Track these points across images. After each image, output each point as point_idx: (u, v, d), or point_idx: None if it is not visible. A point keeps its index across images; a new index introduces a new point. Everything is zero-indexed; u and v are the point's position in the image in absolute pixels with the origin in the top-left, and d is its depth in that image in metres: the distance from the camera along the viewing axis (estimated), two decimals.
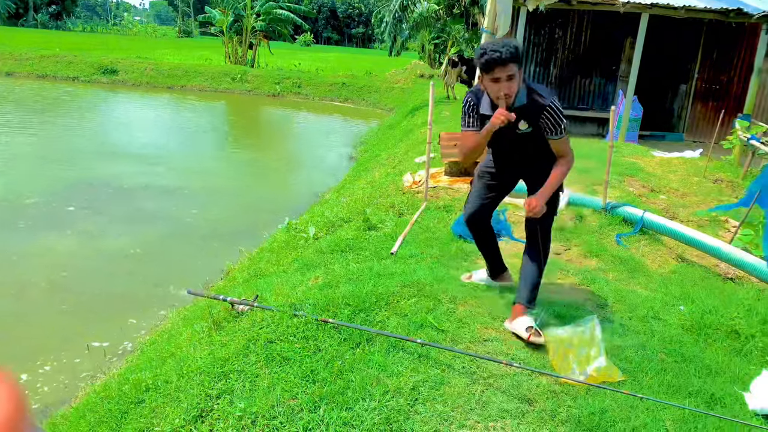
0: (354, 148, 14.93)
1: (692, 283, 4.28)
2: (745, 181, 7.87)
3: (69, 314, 5.36)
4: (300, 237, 5.59)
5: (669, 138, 12.77)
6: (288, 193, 10.29)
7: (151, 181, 10.14)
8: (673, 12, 10.77)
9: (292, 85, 25.16)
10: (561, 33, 13.07)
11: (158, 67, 25.96)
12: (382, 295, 3.30)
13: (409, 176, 6.99)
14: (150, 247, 7.07)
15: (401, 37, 20.95)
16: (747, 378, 2.87)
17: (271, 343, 2.86)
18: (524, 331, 2.92)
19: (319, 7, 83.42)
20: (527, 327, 2.92)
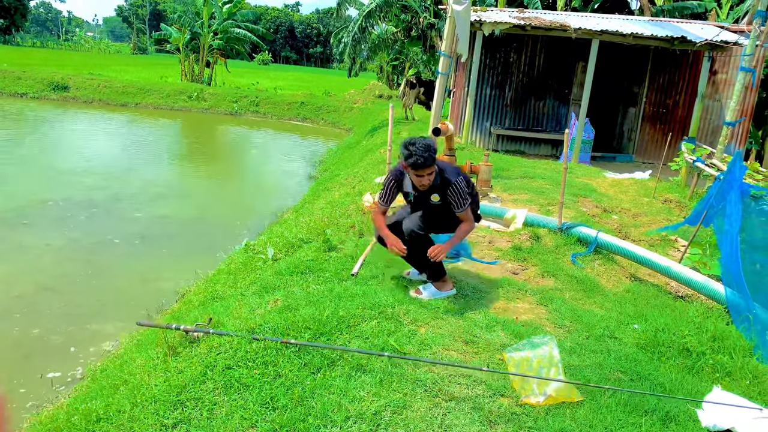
0: (313, 168, 14.88)
1: (645, 302, 4.39)
2: (691, 201, 8.18)
3: (12, 340, 5.12)
4: (258, 258, 5.50)
5: (620, 159, 13.19)
6: (246, 213, 10.15)
7: (103, 202, 9.86)
8: (622, 39, 11.20)
9: (249, 103, 25.00)
10: (516, 57, 13.42)
11: (111, 84, 25.43)
12: (343, 317, 3.27)
13: (369, 196, 6.99)
14: (101, 270, 6.84)
15: (360, 58, 21.13)
16: (699, 395, 2.94)
17: (229, 369, 2.79)
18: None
19: (277, 26, 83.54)
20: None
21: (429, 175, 3.60)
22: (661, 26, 12.22)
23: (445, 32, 7.92)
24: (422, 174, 3.57)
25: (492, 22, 11.39)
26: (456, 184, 3.66)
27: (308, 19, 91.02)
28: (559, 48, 13.08)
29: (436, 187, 3.70)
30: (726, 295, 4.23)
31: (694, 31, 11.86)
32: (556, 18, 12.35)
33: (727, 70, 12.71)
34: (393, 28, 21.92)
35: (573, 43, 12.23)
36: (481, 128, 13.52)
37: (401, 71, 29.23)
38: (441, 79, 7.99)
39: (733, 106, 8.24)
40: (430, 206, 3.80)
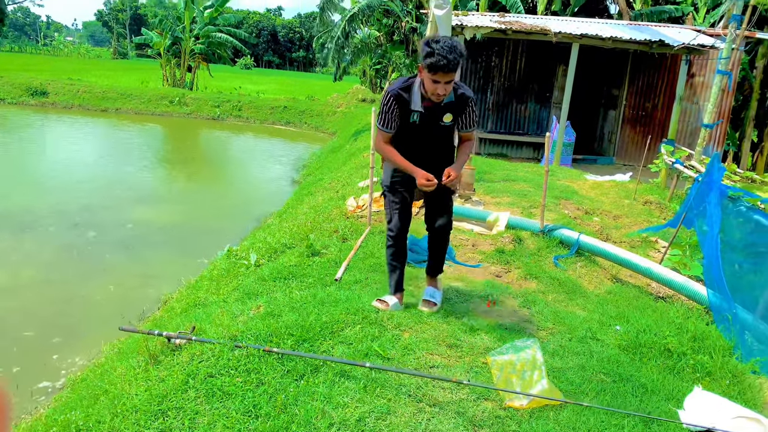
0: (297, 172, 14.84)
1: (627, 303, 4.43)
2: (671, 202, 8.28)
3: None
4: (241, 264, 5.46)
5: (601, 161, 13.33)
6: (228, 219, 10.08)
7: (83, 208, 9.73)
8: (601, 42, 11.33)
9: (232, 108, 24.87)
10: (497, 61, 13.51)
11: (91, 89, 25.16)
12: (327, 323, 3.26)
13: (352, 200, 6.98)
14: (81, 278, 6.75)
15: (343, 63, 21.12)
16: (680, 395, 2.97)
17: (211, 378, 2.76)
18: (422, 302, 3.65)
19: (259, 31, 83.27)
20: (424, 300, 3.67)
21: (448, 84, 3.05)
22: (640, 30, 12.38)
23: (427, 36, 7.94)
24: (440, 80, 3.01)
25: (473, 26, 11.46)
26: (473, 99, 3.29)
27: (291, 24, 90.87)
28: (540, 52, 13.19)
29: (450, 105, 3.22)
30: (708, 296, 4.29)
31: (672, 34, 12.03)
32: (536, 22, 12.46)
33: (704, 73, 12.91)
34: (376, 32, 21.96)
35: (553, 47, 12.35)
36: None
37: (384, 75, 29.28)
38: None
39: (711, 109, 8.36)
40: (433, 137, 3.33)
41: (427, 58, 2.97)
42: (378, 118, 3.28)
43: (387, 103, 3.21)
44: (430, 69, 2.98)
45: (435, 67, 2.95)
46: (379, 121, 3.27)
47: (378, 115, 3.27)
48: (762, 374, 3.35)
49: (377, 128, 3.31)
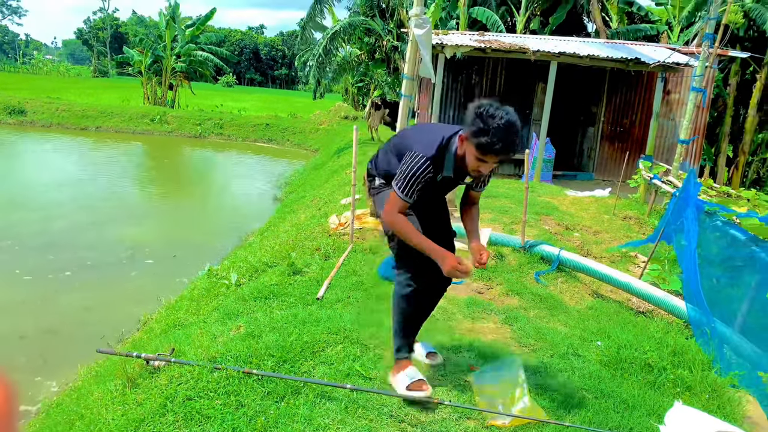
0: (279, 189, 14.80)
1: (607, 318, 4.46)
2: (650, 217, 8.39)
3: None
4: (221, 284, 5.41)
5: (580, 177, 13.48)
6: (209, 237, 10.00)
7: (61, 228, 9.60)
8: (579, 60, 11.52)
9: (214, 126, 24.80)
10: (477, 79, 13.66)
11: (71, 107, 24.94)
12: (308, 343, 3.23)
13: (335, 218, 6.97)
14: (59, 298, 6.63)
15: (325, 80, 21.21)
16: (661, 410, 2.99)
17: (190, 401, 2.71)
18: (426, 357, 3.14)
19: (241, 49, 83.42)
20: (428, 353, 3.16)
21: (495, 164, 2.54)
22: (616, 48, 12.62)
23: (408, 55, 8.02)
24: (490, 161, 2.49)
25: (453, 45, 11.59)
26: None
27: (273, 42, 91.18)
28: (519, 70, 13.37)
29: None
30: (687, 311, 4.33)
31: (648, 52, 12.28)
32: (515, 41, 12.64)
33: (679, 90, 13.17)
34: (357, 50, 22.13)
35: (532, 65, 12.53)
36: None
37: (366, 93, 29.43)
38: (404, 101, 8.07)
39: (686, 125, 8.52)
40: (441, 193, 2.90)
41: (479, 135, 2.39)
42: (400, 183, 2.56)
43: (421, 172, 2.53)
44: (480, 149, 2.41)
45: (487, 149, 2.40)
46: (401, 187, 2.56)
47: (401, 180, 2.55)
48: (741, 388, 3.38)
49: (395, 195, 2.59)
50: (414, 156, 2.55)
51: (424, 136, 2.68)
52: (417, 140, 2.67)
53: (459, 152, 2.57)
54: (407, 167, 2.54)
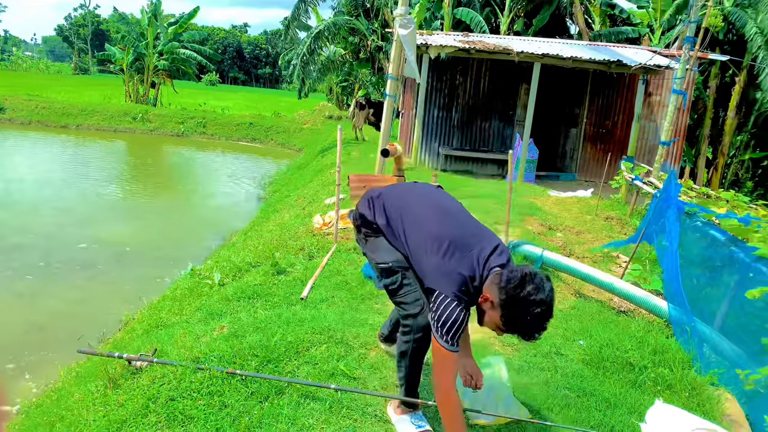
0: (262, 189, 14.72)
1: (590, 318, 4.50)
2: (632, 218, 8.48)
3: None
4: (204, 284, 5.37)
5: (563, 178, 13.59)
6: (192, 237, 9.92)
7: (40, 227, 9.46)
8: (562, 62, 11.61)
9: (196, 125, 24.60)
10: (462, 79, 13.71)
11: (51, 104, 24.58)
12: (292, 343, 3.22)
13: (319, 218, 6.95)
14: (39, 300, 6.54)
15: (309, 80, 21.14)
16: (642, 408, 3.02)
17: (172, 401, 2.69)
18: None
19: (224, 47, 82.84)
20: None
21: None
22: (599, 50, 12.74)
23: (392, 55, 8.03)
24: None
25: (438, 45, 11.62)
26: None
27: (256, 40, 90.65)
28: (503, 71, 13.44)
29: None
30: (668, 310, 4.38)
31: (629, 55, 12.41)
32: (499, 42, 12.71)
33: (660, 92, 13.33)
34: (342, 50, 22.11)
35: (516, 66, 12.60)
36: (430, 149, 13.71)
37: (350, 92, 29.41)
38: (389, 101, 8.08)
39: (667, 127, 8.63)
40: None
41: (512, 323, 2.16)
42: (445, 335, 2.20)
43: (461, 317, 2.20)
44: (507, 327, 2.18)
45: (514, 333, 2.20)
46: (448, 339, 2.20)
47: (445, 331, 2.19)
48: (720, 386, 3.43)
49: (443, 350, 2.23)
50: (448, 303, 2.19)
51: (450, 264, 2.25)
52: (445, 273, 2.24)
53: (480, 304, 2.25)
54: (446, 318, 2.19)
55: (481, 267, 2.24)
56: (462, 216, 2.47)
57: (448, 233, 2.32)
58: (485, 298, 2.20)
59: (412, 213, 2.47)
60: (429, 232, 2.36)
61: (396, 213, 2.51)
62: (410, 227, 2.43)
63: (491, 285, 2.18)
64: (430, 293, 2.27)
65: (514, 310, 2.10)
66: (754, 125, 17.93)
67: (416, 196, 2.57)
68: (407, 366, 2.54)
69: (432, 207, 2.48)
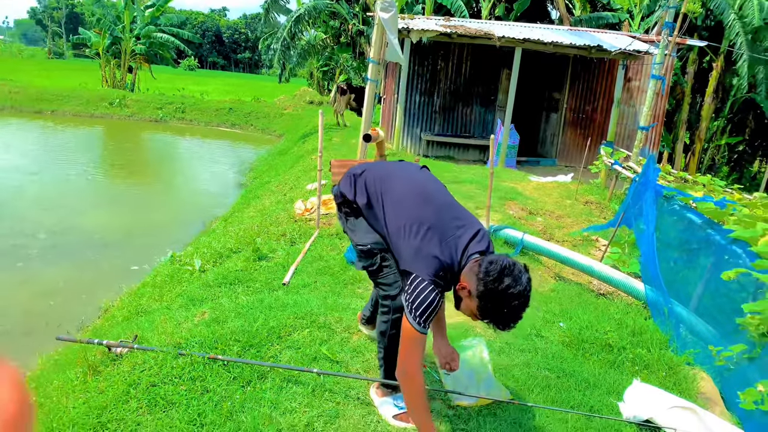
0: (243, 175, 14.60)
1: (569, 300, 4.56)
2: (611, 202, 8.58)
3: None
4: (185, 270, 5.33)
5: (543, 163, 13.67)
6: (172, 223, 9.82)
7: (13, 212, 9.29)
8: (543, 47, 11.63)
9: (175, 110, 24.26)
10: (443, 64, 13.67)
11: (25, 89, 24.03)
12: (274, 328, 3.21)
13: (300, 204, 6.92)
14: (12, 286, 6.44)
15: (290, 64, 20.92)
16: (621, 388, 3.08)
17: (153, 387, 2.68)
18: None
19: (203, 31, 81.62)
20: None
21: None
22: (579, 35, 12.79)
23: (373, 39, 7.97)
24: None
25: (419, 29, 11.56)
26: None
27: (236, 25, 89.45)
28: (484, 56, 13.43)
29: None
30: (645, 292, 4.45)
31: (609, 40, 12.47)
32: (481, 26, 12.68)
33: (640, 78, 13.44)
34: (322, 34, 21.90)
35: (497, 51, 12.60)
36: (411, 134, 13.69)
37: (332, 77, 29.20)
38: (370, 85, 8.03)
39: (646, 112, 8.72)
40: None
41: (487, 313, 2.12)
42: (417, 316, 2.16)
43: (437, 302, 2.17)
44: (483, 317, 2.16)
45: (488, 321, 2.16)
46: (419, 320, 2.17)
47: (417, 313, 2.16)
48: (696, 365, 3.50)
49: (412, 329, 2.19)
50: (424, 287, 2.16)
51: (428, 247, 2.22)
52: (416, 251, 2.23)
53: (457, 291, 2.21)
54: (421, 300, 2.15)
55: (460, 253, 2.21)
56: (444, 199, 2.43)
57: (428, 217, 2.29)
58: (462, 286, 2.16)
59: (393, 194, 2.43)
60: (409, 214, 2.32)
61: (377, 193, 2.47)
62: (390, 209, 2.40)
63: (469, 273, 2.14)
64: (405, 275, 2.25)
65: (491, 302, 2.07)
66: (731, 111, 18.20)
67: (399, 177, 2.53)
68: (386, 346, 2.54)
69: (414, 189, 2.44)
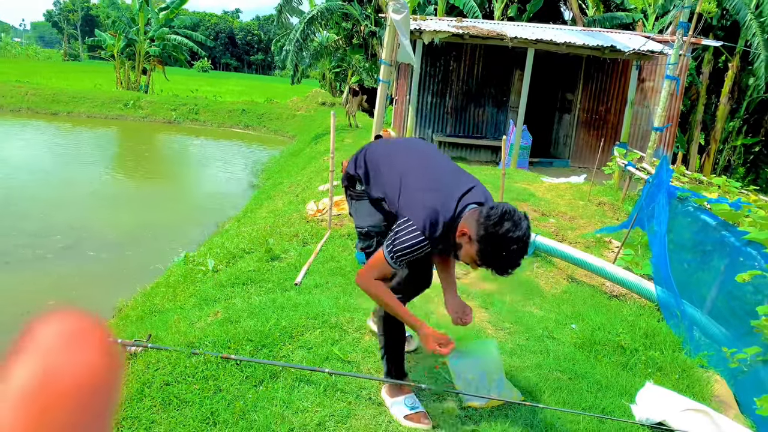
0: (255, 176, 14.68)
1: (582, 302, 4.54)
2: (624, 204, 8.52)
3: None
4: (198, 270, 5.37)
5: (556, 164, 13.61)
6: (185, 224, 9.89)
7: (30, 213, 9.41)
8: (556, 47, 11.58)
9: (188, 111, 24.43)
10: (455, 65, 13.66)
11: (41, 91, 24.33)
12: (286, 328, 3.24)
13: (312, 204, 6.95)
14: (26, 285, 6.52)
15: (302, 66, 21.00)
16: (633, 390, 3.06)
17: (167, 386, 2.71)
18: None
19: (216, 33, 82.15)
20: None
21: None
22: (593, 36, 12.72)
23: (385, 40, 7.98)
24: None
25: (431, 30, 11.56)
26: None
27: (249, 26, 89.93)
28: (496, 56, 13.40)
29: None
30: (656, 293, 4.43)
31: (623, 40, 12.39)
32: (493, 27, 12.65)
33: (654, 78, 13.34)
34: (334, 35, 21.96)
35: (510, 51, 12.56)
36: (423, 135, 13.68)
37: (344, 79, 29.26)
38: (382, 86, 8.05)
39: (660, 113, 8.65)
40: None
41: (487, 257, 2.15)
42: (392, 251, 2.27)
43: (416, 250, 2.25)
44: (483, 263, 2.19)
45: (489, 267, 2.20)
46: (392, 256, 2.27)
47: (393, 249, 2.26)
48: (709, 368, 3.48)
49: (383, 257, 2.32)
50: (411, 230, 2.24)
51: (424, 199, 2.30)
52: (414, 201, 2.31)
53: (457, 238, 2.24)
54: (402, 240, 2.24)
55: (456, 202, 2.27)
56: (443, 160, 2.54)
57: (425, 173, 2.40)
58: (462, 233, 2.20)
59: (393, 157, 2.53)
60: (407, 171, 2.41)
61: (375, 162, 2.57)
62: (388, 168, 2.48)
63: (470, 219, 2.19)
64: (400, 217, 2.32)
65: (491, 246, 2.11)
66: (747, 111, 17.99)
67: (399, 144, 2.70)
68: (384, 332, 2.66)
69: (413, 151, 2.57)
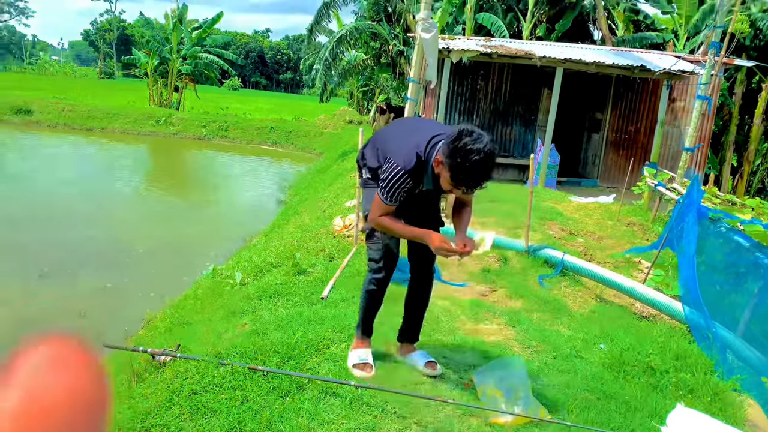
0: (283, 192, 14.84)
1: (611, 322, 4.47)
2: (654, 224, 8.40)
3: None
4: (226, 283, 5.44)
5: (584, 184, 13.48)
6: (213, 238, 10.03)
7: (66, 225, 9.65)
8: (585, 67, 11.55)
9: (218, 128, 24.88)
10: (483, 84, 13.70)
11: (77, 107, 25.05)
12: (312, 341, 3.26)
13: (339, 220, 7.00)
14: (62, 296, 6.67)
15: (330, 84, 21.26)
16: (663, 412, 3.00)
17: (195, 395, 2.74)
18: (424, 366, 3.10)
19: (247, 52, 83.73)
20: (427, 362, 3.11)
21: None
22: (622, 55, 12.64)
23: (414, 59, 8.06)
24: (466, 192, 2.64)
25: (460, 49, 11.63)
26: None
27: (278, 45, 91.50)
28: (524, 75, 13.41)
29: None
30: (685, 314, 4.34)
31: (653, 60, 12.29)
32: (521, 46, 12.68)
33: (685, 98, 13.18)
34: (363, 54, 22.20)
35: (538, 70, 12.56)
36: None
37: (371, 97, 29.52)
38: (410, 104, 8.10)
39: (692, 133, 8.53)
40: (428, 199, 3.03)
41: (455, 170, 2.46)
42: (382, 190, 2.68)
43: (400, 183, 2.64)
44: (455, 180, 2.51)
45: (461, 183, 2.51)
46: (384, 194, 2.68)
47: (383, 187, 2.68)
48: (743, 392, 3.39)
49: (379, 199, 2.72)
50: (393, 167, 2.66)
51: (404, 143, 2.74)
52: (397, 147, 2.75)
53: (435, 171, 2.61)
54: (387, 176, 2.67)
55: (428, 140, 2.66)
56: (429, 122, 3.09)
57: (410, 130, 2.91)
58: (437, 162, 2.57)
59: (386, 132, 3.02)
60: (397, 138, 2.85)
61: (375, 138, 3.03)
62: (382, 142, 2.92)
63: (442, 148, 2.55)
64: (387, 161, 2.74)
65: (456, 160, 2.43)
66: None
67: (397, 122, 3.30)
68: (363, 299, 3.09)
69: (405, 124, 3.22)
